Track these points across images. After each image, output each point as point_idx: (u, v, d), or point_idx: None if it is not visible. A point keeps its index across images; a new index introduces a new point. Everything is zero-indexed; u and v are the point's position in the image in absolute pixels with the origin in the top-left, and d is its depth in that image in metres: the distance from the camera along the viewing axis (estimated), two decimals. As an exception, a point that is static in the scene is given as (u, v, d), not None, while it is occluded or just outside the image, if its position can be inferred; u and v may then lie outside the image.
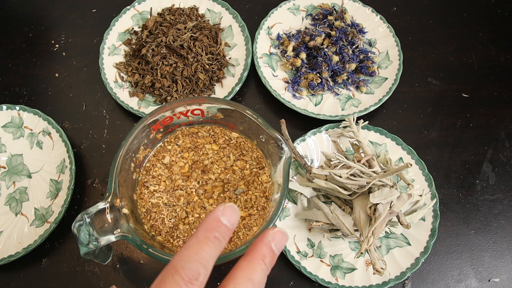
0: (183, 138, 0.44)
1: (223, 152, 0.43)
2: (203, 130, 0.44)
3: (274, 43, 0.64)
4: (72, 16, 0.70)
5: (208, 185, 0.41)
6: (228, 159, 0.42)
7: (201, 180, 0.41)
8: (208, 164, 0.42)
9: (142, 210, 0.40)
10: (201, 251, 0.24)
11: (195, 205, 0.40)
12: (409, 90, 0.63)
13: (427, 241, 0.49)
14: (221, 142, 0.43)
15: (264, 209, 0.41)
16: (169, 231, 0.39)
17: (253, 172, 0.42)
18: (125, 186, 0.38)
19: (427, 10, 0.71)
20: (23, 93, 0.63)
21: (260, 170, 0.42)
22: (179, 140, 0.44)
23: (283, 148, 0.38)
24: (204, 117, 0.44)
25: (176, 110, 0.41)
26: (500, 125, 0.61)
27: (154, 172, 0.42)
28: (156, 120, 0.41)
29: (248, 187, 0.41)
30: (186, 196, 0.41)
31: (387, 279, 0.48)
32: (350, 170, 0.48)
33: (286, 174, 0.37)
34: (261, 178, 0.41)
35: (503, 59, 0.66)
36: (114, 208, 0.33)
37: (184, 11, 0.65)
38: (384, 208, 0.45)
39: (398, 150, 0.55)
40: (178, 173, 0.42)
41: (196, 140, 0.44)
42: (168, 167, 0.42)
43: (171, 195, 0.41)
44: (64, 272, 0.51)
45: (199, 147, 0.43)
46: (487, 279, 0.51)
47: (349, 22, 0.65)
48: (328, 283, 0.48)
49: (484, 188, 0.56)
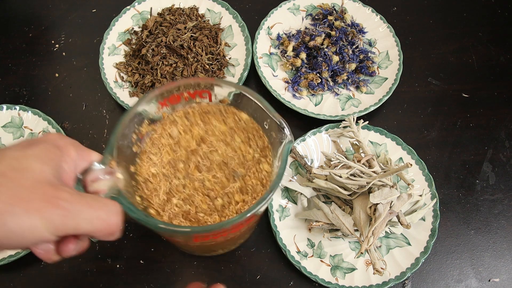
0: (193, 113, 0.43)
1: (229, 133, 0.42)
2: (214, 107, 0.44)
3: (274, 43, 0.64)
4: (72, 16, 0.70)
5: (210, 163, 0.41)
6: (233, 139, 0.42)
7: (205, 156, 0.41)
8: (214, 141, 0.42)
9: (140, 179, 0.40)
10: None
11: (194, 180, 0.40)
12: (409, 90, 0.63)
13: (427, 241, 0.49)
14: (230, 121, 0.43)
15: (259, 197, 0.41)
16: (161, 204, 0.39)
17: (255, 158, 0.41)
18: (123, 157, 0.38)
19: (427, 10, 0.71)
20: (23, 93, 0.63)
21: (262, 158, 0.41)
22: (189, 114, 0.43)
23: (284, 132, 0.38)
24: (211, 102, 0.44)
25: (183, 88, 0.41)
26: (500, 125, 0.61)
27: (160, 142, 0.42)
28: (163, 95, 0.41)
29: (247, 172, 0.41)
30: (187, 169, 0.40)
31: (387, 279, 0.48)
32: (350, 170, 0.48)
33: (284, 158, 0.37)
34: (262, 166, 0.41)
35: (503, 59, 0.66)
36: (109, 169, 0.33)
37: (184, 11, 0.65)
38: (384, 208, 0.45)
39: (398, 150, 0.55)
40: (184, 146, 0.42)
41: (206, 117, 0.43)
42: (175, 139, 0.42)
43: (172, 166, 0.41)
44: (64, 272, 0.50)
45: (208, 123, 0.43)
46: (487, 279, 0.51)
47: (349, 22, 0.65)
48: (328, 283, 0.48)
49: (484, 188, 0.56)
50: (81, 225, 0.26)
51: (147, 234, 0.52)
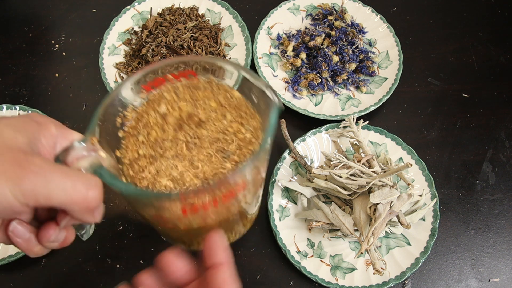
0: (183, 89, 0.42)
1: (220, 111, 0.40)
2: (203, 82, 0.41)
3: (274, 43, 0.64)
4: (72, 16, 0.70)
5: (200, 142, 0.38)
6: (224, 118, 0.40)
7: (193, 134, 0.39)
8: (203, 119, 0.39)
9: (126, 161, 0.38)
10: None
11: (184, 159, 0.38)
12: (409, 90, 0.63)
13: (427, 241, 0.49)
14: (221, 99, 0.40)
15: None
16: (149, 186, 0.37)
17: (247, 138, 0.40)
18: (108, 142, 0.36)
19: (427, 10, 0.71)
20: (23, 93, 0.63)
21: (254, 139, 0.40)
22: (179, 89, 0.41)
23: (269, 97, 0.37)
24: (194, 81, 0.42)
25: (166, 69, 0.39)
26: (500, 125, 0.61)
27: (147, 120, 0.39)
28: (146, 78, 0.38)
29: (237, 152, 0.38)
30: (175, 148, 0.38)
31: (387, 279, 0.48)
32: (350, 170, 0.48)
33: (272, 122, 0.35)
34: (253, 147, 0.39)
35: (503, 59, 0.66)
36: (90, 146, 0.32)
37: (184, 11, 0.65)
38: (384, 208, 0.45)
39: (398, 150, 0.55)
40: (172, 123, 0.39)
41: (195, 92, 0.41)
42: (163, 116, 0.39)
43: (160, 146, 0.38)
44: (64, 272, 0.50)
45: (198, 100, 0.40)
46: (487, 279, 0.51)
47: (349, 22, 0.65)
48: (328, 283, 0.48)
49: (484, 188, 0.56)
50: (55, 193, 0.23)
51: (147, 234, 0.52)
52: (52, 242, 0.27)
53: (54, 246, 0.28)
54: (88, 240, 0.52)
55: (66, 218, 0.27)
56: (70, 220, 0.27)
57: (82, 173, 0.26)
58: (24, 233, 0.26)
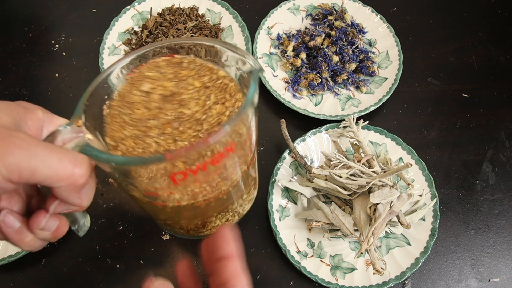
0: (167, 67, 0.40)
1: (204, 91, 0.39)
2: (188, 60, 0.40)
3: (274, 43, 0.64)
4: (72, 16, 0.70)
5: (182, 120, 0.37)
6: (208, 99, 0.38)
7: (176, 113, 0.38)
8: (187, 98, 0.38)
9: (112, 143, 0.37)
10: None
11: (167, 138, 0.37)
12: (409, 90, 0.63)
13: (427, 241, 0.49)
14: (206, 80, 0.39)
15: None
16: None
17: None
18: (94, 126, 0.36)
19: (427, 10, 0.71)
20: (23, 93, 0.63)
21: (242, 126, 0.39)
22: (163, 69, 0.40)
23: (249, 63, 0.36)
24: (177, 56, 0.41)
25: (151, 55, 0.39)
26: (500, 125, 0.61)
27: (130, 99, 0.38)
28: (131, 65, 0.38)
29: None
30: (160, 127, 0.37)
31: (387, 279, 0.48)
32: (350, 170, 0.48)
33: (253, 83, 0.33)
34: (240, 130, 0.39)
35: (503, 59, 0.66)
36: (76, 128, 0.32)
37: (184, 11, 0.65)
38: (384, 208, 0.45)
39: (398, 150, 0.55)
40: (156, 101, 0.38)
41: (179, 71, 0.40)
42: (147, 94, 0.39)
43: (144, 124, 0.37)
44: (64, 272, 0.51)
45: (182, 79, 0.40)
46: (487, 279, 0.51)
47: (349, 22, 0.65)
48: (328, 283, 0.48)
49: (484, 188, 0.56)
50: (39, 168, 0.22)
51: (147, 234, 0.52)
52: (43, 230, 0.27)
53: (47, 236, 0.27)
54: (88, 240, 0.52)
55: (55, 202, 0.27)
56: (60, 205, 0.27)
57: (69, 150, 0.25)
58: (14, 222, 0.26)
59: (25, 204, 0.28)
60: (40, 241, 0.28)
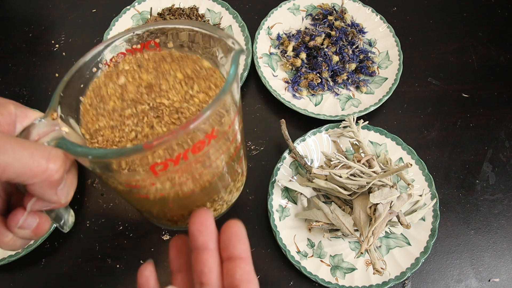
0: (147, 62, 0.40)
1: (187, 82, 0.38)
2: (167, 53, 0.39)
3: (274, 43, 0.64)
4: (72, 16, 0.70)
5: (160, 110, 0.36)
6: (190, 89, 0.38)
7: (152, 102, 0.37)
8: (165, 89, 0.38)
9: (87, 136, 0.36)
10: None
11: (144, 126, 0.36)
12: (409, 90, 0.63)
13: (427, 241, 0.49)
14: (189, 72, 0.39)
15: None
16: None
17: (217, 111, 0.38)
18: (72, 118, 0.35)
19: (427, 10, 0.71)
20: (23, 93, 0.63)
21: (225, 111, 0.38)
22: (143, 63, 0.39)
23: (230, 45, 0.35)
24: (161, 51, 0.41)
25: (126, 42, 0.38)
26: (500, 125, 0.61)
27: (104, 91, 0.37)
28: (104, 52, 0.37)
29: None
30: (136, 115, 0.36)
31: (387, 279, 0.48)
32: (350, 170, 0.48)
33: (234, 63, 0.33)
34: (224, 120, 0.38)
35: (503, 59, 0.66)
36: (51, 121, 0.31)
37: (184, 11, 0.65)
38: (384, 208, 0.45)
39: (398, 150, 0.55)
40: (132, 91, 0.38)
41: (161, 64, 0.39)
42: (123, 87, 0.38)
43: (120, 114, 0.36)
44: (64, 272, 0.51)
45: (162, 71, 0.39)
46: (487, 279, 0.51)
47: (349, 22, 0.65)
48: (328, 283, 0.48)
49: (484, 188, 0.56)
50: (10, 165, 0.21)
51: (147, 234, 0.52)
52: (22, 228, 0.26)
53: (27, 235, 0.26)
54: (88, 240, 0.52)
55: (32, 199, 0.26)
56: (37, 202, 0.26)
57: (42, 145, 0.24)
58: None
59: (4, 202, 0.26)
60: (20, 241, 0.27)
